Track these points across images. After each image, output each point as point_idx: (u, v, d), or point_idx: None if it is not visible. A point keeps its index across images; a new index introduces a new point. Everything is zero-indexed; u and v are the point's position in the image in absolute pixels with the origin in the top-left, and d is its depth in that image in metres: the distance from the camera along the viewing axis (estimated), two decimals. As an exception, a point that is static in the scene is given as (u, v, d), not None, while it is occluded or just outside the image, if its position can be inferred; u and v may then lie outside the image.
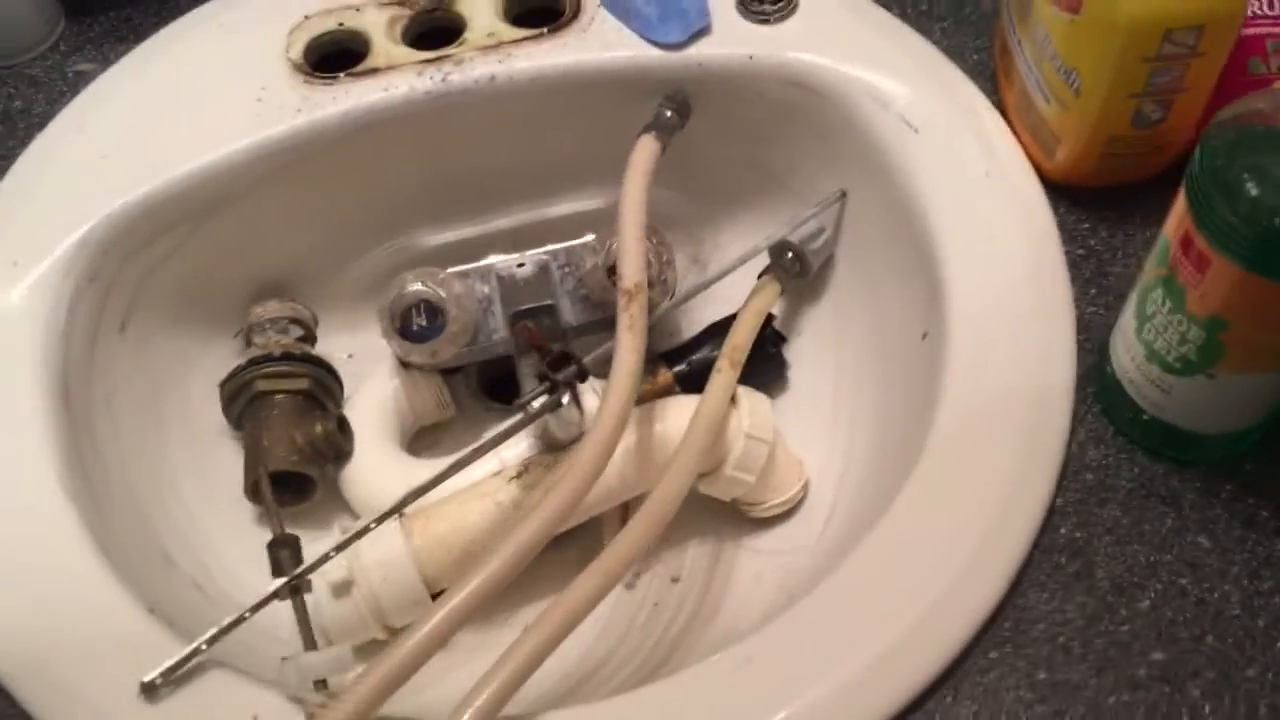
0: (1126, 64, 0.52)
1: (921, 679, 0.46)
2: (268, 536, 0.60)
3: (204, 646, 0.45)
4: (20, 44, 0.65)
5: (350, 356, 0.67)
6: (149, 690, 0.45)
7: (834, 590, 0.48)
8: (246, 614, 0.47)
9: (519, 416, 0.55)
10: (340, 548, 0.49)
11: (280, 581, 0.48)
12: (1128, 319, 0.50)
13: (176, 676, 0.45)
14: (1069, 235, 0.57)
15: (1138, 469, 0.51)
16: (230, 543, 0.59)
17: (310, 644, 0.49)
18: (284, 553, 0.50)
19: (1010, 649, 0.47)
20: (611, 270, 0.60)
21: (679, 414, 0.58)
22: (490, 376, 0.69)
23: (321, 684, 0.46)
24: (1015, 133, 0.60)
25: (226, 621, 0.46)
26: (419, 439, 0.66)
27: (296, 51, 0.63)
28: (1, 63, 0.65)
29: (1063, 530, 0.50)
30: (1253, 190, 0.41)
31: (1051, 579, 0.49)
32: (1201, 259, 0.44)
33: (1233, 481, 0.51)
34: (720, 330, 0.64)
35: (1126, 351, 0.50)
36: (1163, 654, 0.47)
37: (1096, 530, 0.50)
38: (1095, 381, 0.53)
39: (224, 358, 0.64)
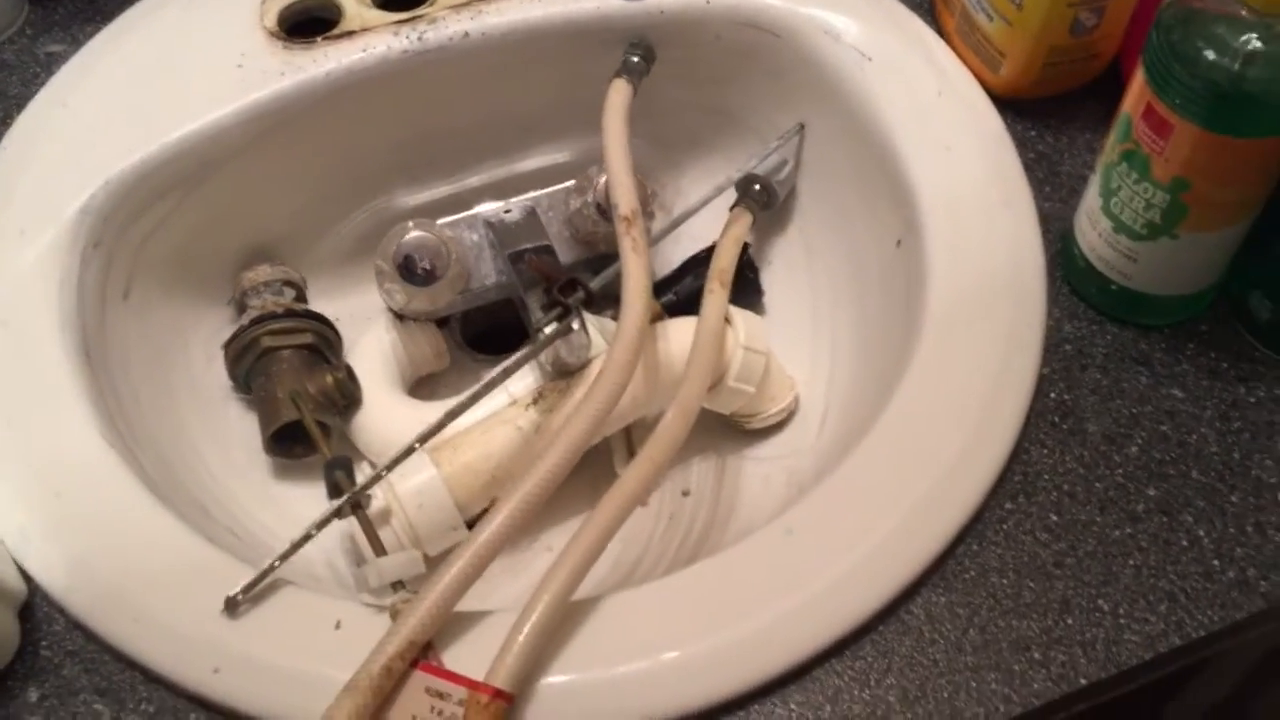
0: (1066, -26, 0.57)
1: (949, 530, 0.50)
2: (289, 491, 0.62)
3: (277, 563, 0.47)
4: (-14, 29, 0.65)
5: (337, 319, 0.69)
6: (231, 606, 0.46)
7: (859, 462, 0.52)
8: (313, 530, 0.48)
9: (533, 344, 0.58)
10: (390, 465, 0.51)
11: (342, 499, 0.50)
12: (1091, 198, 0.55)
13: (253, 595, 0.47)
14: (1018, 142, 0.62)
15: (1109, 336, 0.57)
16: (253, 498, 0.60)
17: (381, 551, 0.50)
18: (339, 472, 0.51)
19: (1022, 499, 0.52)
20: (600, 207, 0.63)
21: (679, 334, 0.61)
22: (473, 330, 0.71)
23: (399, 585, 0.48)
24: (959, 55, 0.65)
25: (298, 537, 0.48)
26: (417, 390, 0.68)
27: (271, 20, 0.65)
28: (-31, 48, 0.65)
29: (1052, 395, 0.55)
30: (1209, 55, 0.46)
31: (1049, 436, 0.54)
32: (1163, 125, 0.49)
33: (1193, 340, 0.56)
34: (698, 263, 0.68)
35: (1094, 228, 0.55)
36: (1155, 490, 0.52)
37: (1082, 392, 0.55)
38: (1062, 265, 0.58)
39: (218, 325, 0.65)
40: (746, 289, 0.68)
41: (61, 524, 0.49)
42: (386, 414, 0.63)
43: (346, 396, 0.62)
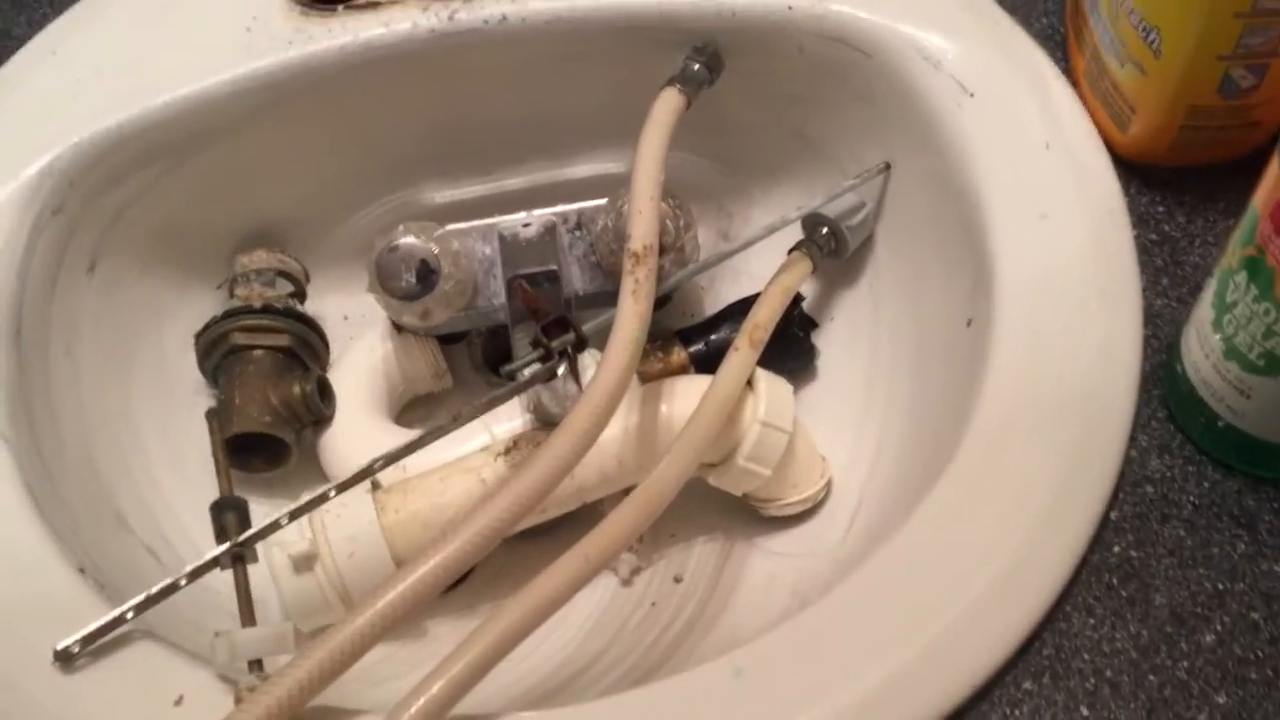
0: (1216, 19, 0.45)
1: (938, 709, 0.40)
2: (234, 504, 0.55)
3: (129, 615, 0.40)
4: (5, -38, 0.60)
5: (346, 318, 0.63)
6: (64, 659, 0.40)
7: (844, 599, 0.42)
8: (181, 581, 0.42)
9: (508, 386, 0.50)
10: (294, 515, 0.44)
11: (222, 547, 0.43)
12: (1204, 309, 0.43)
13: (98, 646, 0.40)
14: (1140, 218, 0.51)
15: (1207, 484, 0.45)
16: (192, 508, 0.54)
17: (249, 620, 0.43)
18: (229, 516, 0.44)
19: (1048, 680, 0.41)
20: (621, 235, 0.55)
21: (688, 394, 0.52)
22: (496, 350, 0.63)
23: (256, 665, 0.41)
24: (1085, 102, 0.53)
25: (157, 588, 0.41)
26: (411, 411, 0.61)
27: (294, -21, 0.58)
28: (-17, -19, 0.60)
29: (1116, 548, 0.44)
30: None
31: (1101, 603, 0.42)
32: (1298, 234, 0.37)
33: (1316, 504, 0.44)
34: (744, 309, 0.58)
35: (1201, 347, 0.43)
36: (1227, 698, 0.41)
37: (1156, 551, 0.43)
38: (1163, 382, 0.47)
39: (205, 310, 0.59)
40: (795, 348, 0.59)
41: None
42: (358, 437, 0.56)
43: (313, 411, 0.55)
